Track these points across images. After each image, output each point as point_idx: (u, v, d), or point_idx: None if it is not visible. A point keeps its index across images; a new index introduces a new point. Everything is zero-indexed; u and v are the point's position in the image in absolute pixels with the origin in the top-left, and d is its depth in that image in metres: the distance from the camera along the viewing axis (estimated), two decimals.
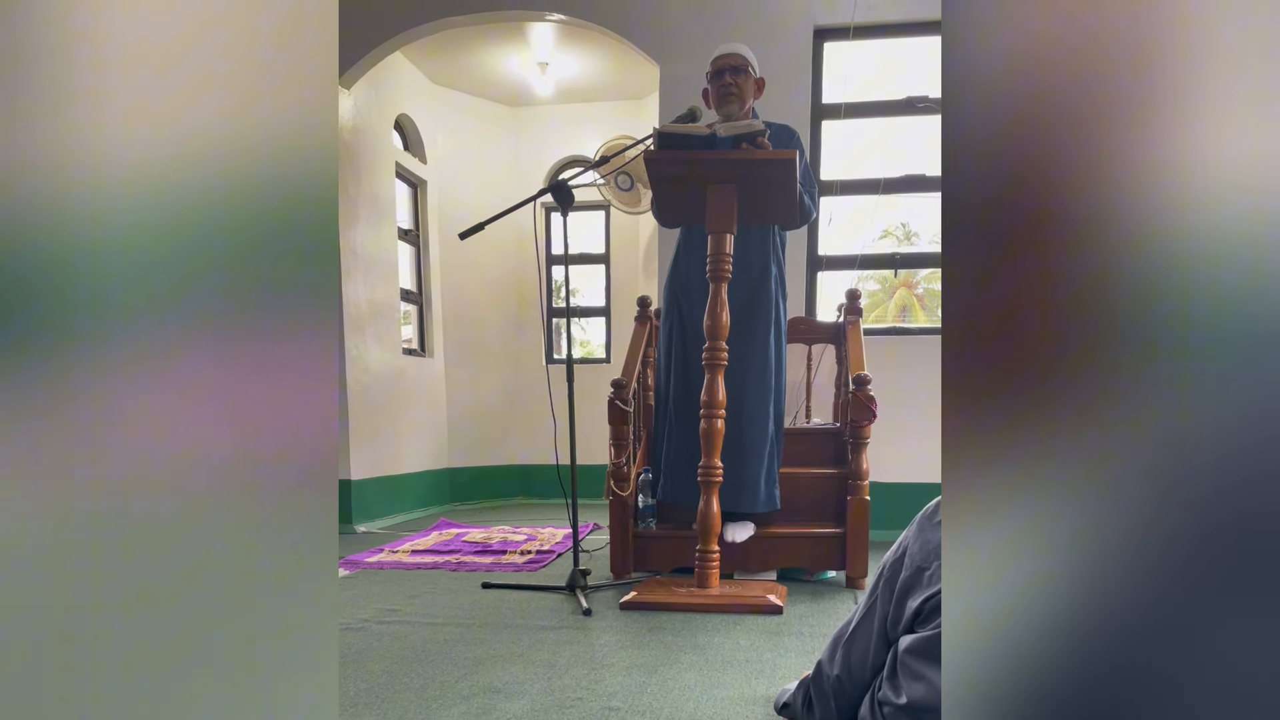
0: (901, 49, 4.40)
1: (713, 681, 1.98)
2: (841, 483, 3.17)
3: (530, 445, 6.26)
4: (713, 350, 2.72)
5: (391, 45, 4.66)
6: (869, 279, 15.42)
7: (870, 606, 1.38)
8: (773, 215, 2.91)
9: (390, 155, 5.31)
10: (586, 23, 4.44)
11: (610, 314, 6.45)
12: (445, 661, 2.15)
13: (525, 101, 6.15)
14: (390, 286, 5.25)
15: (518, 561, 3.67)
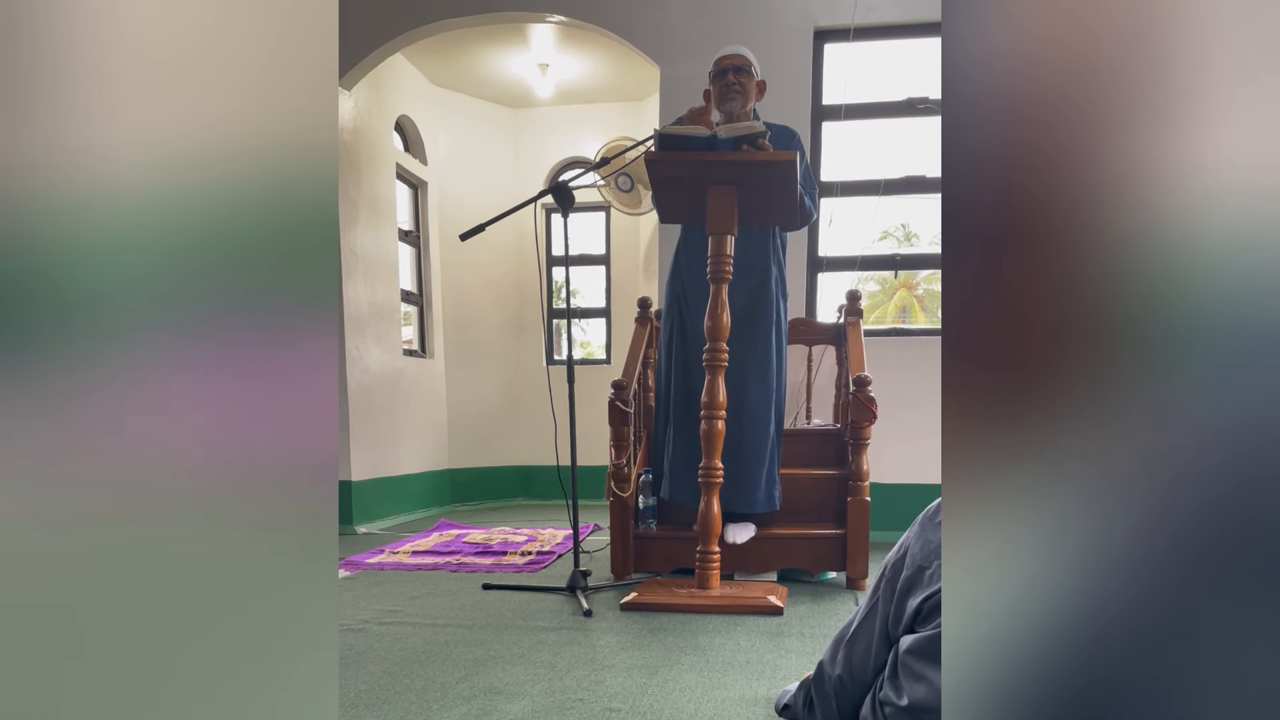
0: (902, 50, 4.40)
1: (713, 682, 1.98)
2: (842, 484, 3.16)
3: (530, 446, 6.26)
4: (713, 351, 2.73)
5: (392, 46, 4.66)
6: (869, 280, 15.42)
7: (872, 607, 1.38)
8: (773, 216, 2.91)
9: (391, 156, 5.32)
10: (587, 24, 4.44)
11: (610, 315, 6.45)
12: (446, 662, 2.15)
13: (526, 103, 6.15)
14: (391, 287, 5.25)
15: (518, 562, 3.67)
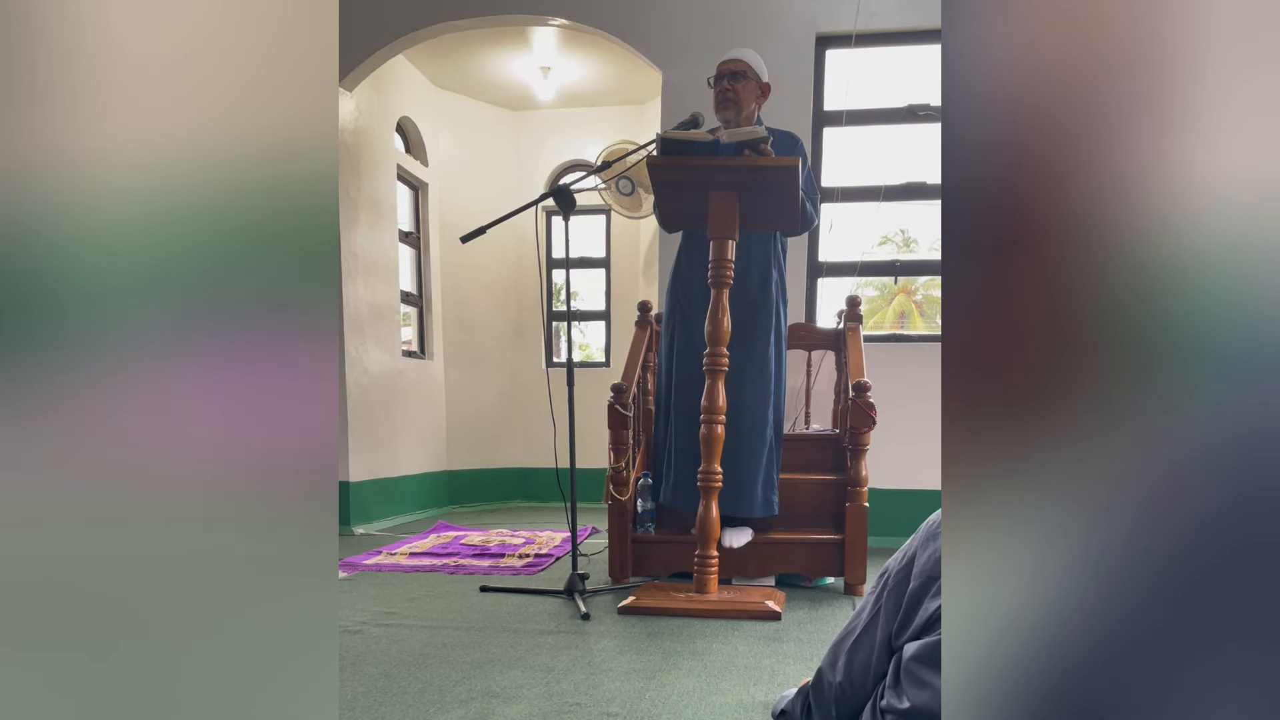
0: (903, 57, 4.40)
1: (711, 687, 1.97)
2: (840, 489, 3.16)
3: (529, 448, 6.25)
4: (714, 356, 2.72)
5: (394, 48, 4.66)
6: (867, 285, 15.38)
7: (874, 615, 1.38)
8: (775, 221, 2.91)
9: (392, 158, 5.32)
10: (589, 28, 4.44)
11: (610, 318, 6.45)
12: (443, 665, 2.15)
13: (527, 105, 6.16)
14: (390, 289, 5.25)
15: (516, 565, 3.66)
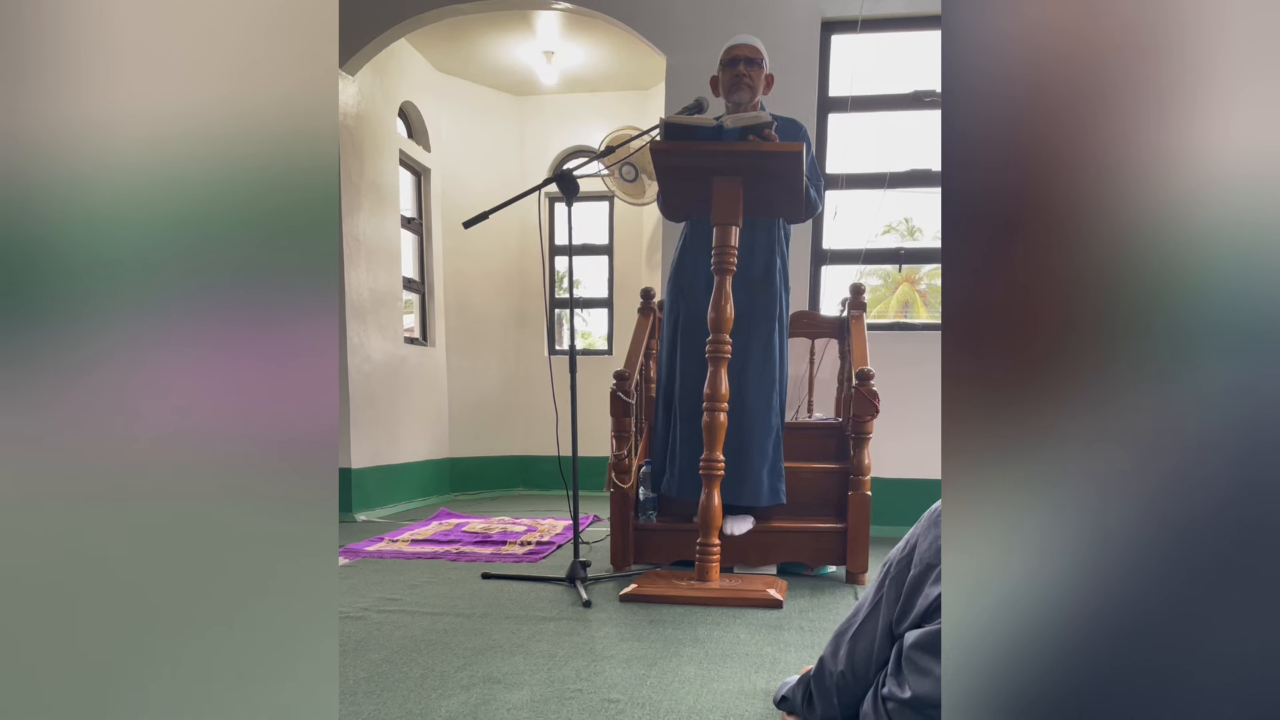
0: (909, 43, 4.37)
1: (712, 675, 1.97)
2: (843, 478, 3.16)
3: (531, 436, 6.26)
4: (716, 343, 2.72)
5: (397, 32, 4.64)
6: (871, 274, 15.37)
7: (875, 604, 1.38)
8: (778, 208, 2.89)
9: (394, 142, 5.30)
10: (593, 12, 4.42)
11: (613, 305, 6.44)
12: (445, 651, 2.15)
13: (530, 90, 6.14)
14: (392, 275, 5.25)
15: (517, 552, 3.67)
